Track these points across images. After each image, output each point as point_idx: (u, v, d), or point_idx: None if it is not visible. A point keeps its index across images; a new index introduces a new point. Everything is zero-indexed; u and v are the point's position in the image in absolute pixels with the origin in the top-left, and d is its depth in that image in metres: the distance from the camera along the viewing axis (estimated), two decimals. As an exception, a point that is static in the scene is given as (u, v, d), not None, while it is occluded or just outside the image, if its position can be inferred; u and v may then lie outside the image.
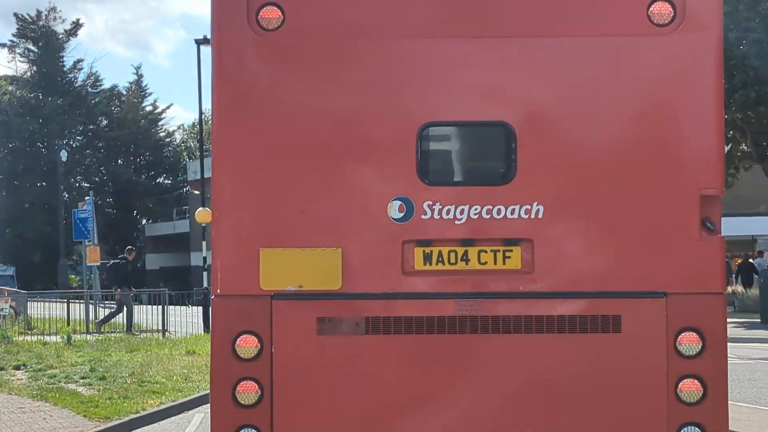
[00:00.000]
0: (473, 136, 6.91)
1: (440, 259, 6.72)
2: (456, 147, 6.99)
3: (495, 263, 6.71)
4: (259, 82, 6.70)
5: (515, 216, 6.70)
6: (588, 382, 6.66)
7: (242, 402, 6.58)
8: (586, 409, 6.65)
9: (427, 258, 6.72)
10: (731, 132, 38.59)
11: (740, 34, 31.37)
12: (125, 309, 28.65)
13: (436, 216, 6.71)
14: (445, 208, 6.72)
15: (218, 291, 6.70)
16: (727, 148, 40.06)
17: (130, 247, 31.48)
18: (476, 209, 6.71)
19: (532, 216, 6.69)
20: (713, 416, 6.63)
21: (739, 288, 38.28)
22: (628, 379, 6.67)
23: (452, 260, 6.71)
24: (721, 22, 6.83)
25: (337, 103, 6.70)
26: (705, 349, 6.69)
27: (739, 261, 44.79)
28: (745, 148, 38.79)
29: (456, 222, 6.71)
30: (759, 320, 30.09)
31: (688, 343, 6.68)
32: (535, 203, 6.69)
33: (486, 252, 6.72)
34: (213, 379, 6.68)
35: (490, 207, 6.71)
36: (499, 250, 6.72)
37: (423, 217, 6.70)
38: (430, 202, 6.70)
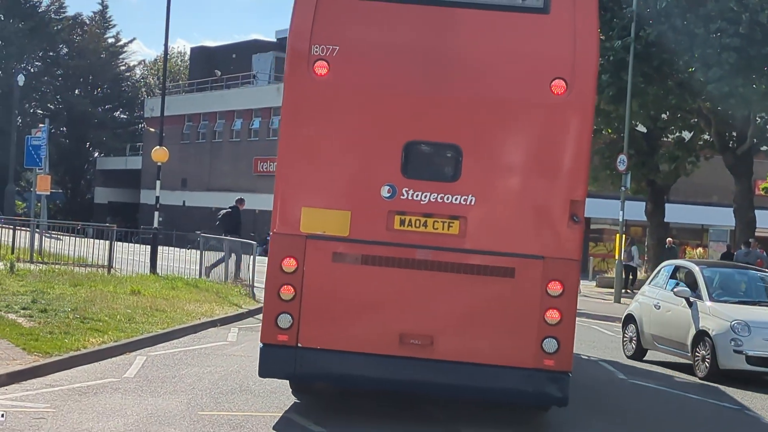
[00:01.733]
0: (436, 150, 10.93)
1: (410, 223, 10.73)
2: (425, 156, 10.92)
3: (443, 229, 10.72)
4: (312, 106, 10.85)
5: (458, 202, 10.69)
6: (493, 306, 10.71)
7: (283, 298, 10.69)
8: (490, 322, 10.67)
9: (402, 222, 10.75)
10: (696, 120, 38.49)
11: (723, 25, 31.19)
12: (233, 256, 27.23)
13: (410, 197, 10.71)
14: (416, 193, 10.70)
15: (275, 230, 10.83)
16: (689, 136, 40.01)
17: (240, 197, 30.26)
18: (434, 196, 10.71)
19: (468, 203, 10.69)
20: (565, 333, 10.57)
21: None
22: (516, 307, 10.64)
23: (417, 225, 10.73)
24: (594, 91, 10.98)
25: (358, 124, 10.86)
26: (564, 293, 10.58)
27: (701, 251, 44.58)
28: (708, 137, 38.75)
29: (421, 202, 10.71)
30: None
31: (554, 288, 10.57)
32: (470, 195, 10.70)
33: (438, 222, 10.72)
34: (267, 284, 10.83)
35: (443, 195, 10.70)
36: (446, 221, 10.71)
37: (401, 197, 10.71)
38: (407, 188, 10.70)
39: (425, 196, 10.64)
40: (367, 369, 10.71)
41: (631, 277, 37.87)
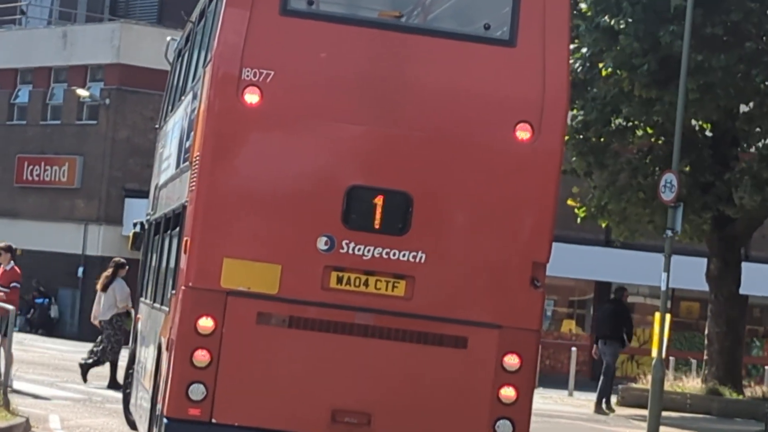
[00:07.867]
0: (383, 198, 14.99)
1: (349, 282, 15.02)
2: (370, 204, 15.00)
3: (386, 290, 15.03)
4: (239, 140, 15.13)
5: (405, 259, 14.95)
6: (440, 381, 14.98)
7: (197, 365, 14.62)
8: (437, 399, 14.99)
9: (340, 280, 14.99)
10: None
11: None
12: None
13: (350, 251, 14.91)
14: (357, 247, 14.87)
15: (190, 283, 14.77)
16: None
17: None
18: (379, 251, 14.93)
19: (417, 260, 14.97)
20: (521, 415, 14.95)
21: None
22: (467, 383, 14.94)
23: (357, 284, 15.01)
24: (563, 138, 15.39)
25: (294, 164, 14.97)
26: (521, 367, 14.90)
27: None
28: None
29: (363, 258, 14.87)
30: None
31: (510, 362, 14.88)
32: (420, 251, 14.94)
33: (381, 281, 15.04)
34: (177, 347, 14.68)
35: (389, 250, 14.98)
36: (390, 281, 15.04)
37: (341, 251, 14.83)
38: (347, 241, 14.86)
39: (368, 251, 15.06)
40: None
41: None
